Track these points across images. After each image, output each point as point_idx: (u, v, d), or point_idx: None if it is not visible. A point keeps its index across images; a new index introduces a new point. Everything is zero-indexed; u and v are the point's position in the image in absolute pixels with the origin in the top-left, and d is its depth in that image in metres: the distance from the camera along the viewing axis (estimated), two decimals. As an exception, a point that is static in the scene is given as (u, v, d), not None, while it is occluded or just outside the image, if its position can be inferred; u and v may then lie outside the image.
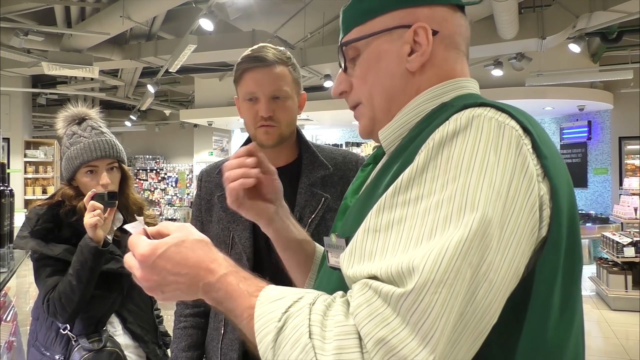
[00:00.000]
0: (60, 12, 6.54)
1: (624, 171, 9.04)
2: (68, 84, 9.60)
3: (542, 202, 0.63)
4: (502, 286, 0.59)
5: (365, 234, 0.65)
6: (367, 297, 0.57)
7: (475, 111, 0.65)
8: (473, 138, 0.63)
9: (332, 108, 8.97)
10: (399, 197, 0.64)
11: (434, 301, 0.54)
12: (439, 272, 0.55)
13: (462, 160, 0.61)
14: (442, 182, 0.61)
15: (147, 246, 0.70)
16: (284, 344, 0.58)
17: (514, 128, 0.64)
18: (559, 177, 0.65)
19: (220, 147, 12.25)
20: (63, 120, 1.79)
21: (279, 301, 0.62)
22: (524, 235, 0.61)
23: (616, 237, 6.37)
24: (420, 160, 0.64)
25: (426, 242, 0.58)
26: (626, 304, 6.00)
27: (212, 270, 0.69)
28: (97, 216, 1.57)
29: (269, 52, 1.37)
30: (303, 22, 6.84)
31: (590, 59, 8.59)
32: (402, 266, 0.57)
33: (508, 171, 0.61)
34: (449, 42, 0.80)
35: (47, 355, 1.65)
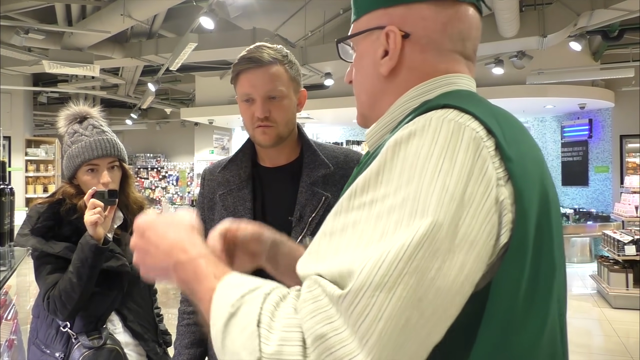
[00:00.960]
0: (61, 10, 6.54)
1: (625, 169, 9.03)
2: (69, 82, 9.61)
3: (502, 207, 0.60)
4: (451, 293, 0.57)
5: (322, 237, 0.64)
6: (314, 295, 0.57)
7: (436, 113, 0.64)
8: (429, 141, 0.61)
9: (333, 106, 8.97)
10: (355, 200, 0.63)
11: (370, 304, 0.54)
12: (377, 276, 0.54)
13: (416, 163, 0.60)
14: (397, 185, 0.60)
15: (145, 217, 0.79)
16: (233, 328, 0.59)
17: (475, 130, 0.62)
18: (526, 179, 0.63)
19: (221, 146, 12.25)
20: (64, 118, 1.79)
21: (238, 287, 0.63)
22: (478, 242, 0.58)
23: (617, 235, 6.37)
24: (376, 163, 0.63)
25: (375, 245, 0.57)
26: (627, 302, 6.00)
27: (186, 250, 0.72)
28: (97, 214, 1.57)
29: (264, 52, 1.37)
30: (304, 20, 6.84)
31: (592, 57, 8.58)
32: (343, 267, 0.57)
33: (463, 175, 0.59)
34: (427, 42, 0.75)
35: (47, 353, 1.65)
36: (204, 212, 1.53)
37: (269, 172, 1.47)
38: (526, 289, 0.62)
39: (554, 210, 0.68)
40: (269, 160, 1.47)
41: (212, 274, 0.67)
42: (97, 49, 7.14)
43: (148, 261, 0.76)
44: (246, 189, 1.45)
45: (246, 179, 1.46)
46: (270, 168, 1.47)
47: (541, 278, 0.64)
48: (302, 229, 1.37)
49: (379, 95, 0.79)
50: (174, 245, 0.73)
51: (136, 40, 7.69)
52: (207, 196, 1.52)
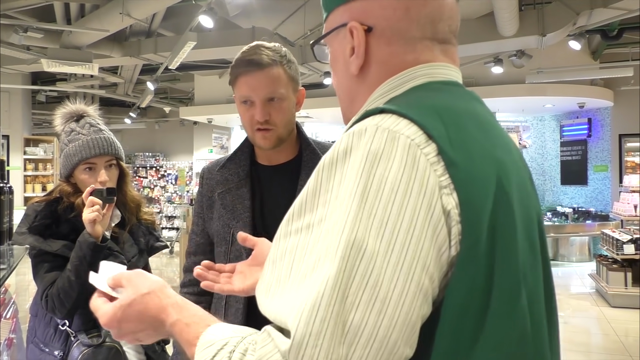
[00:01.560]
0: (59, 9, 6.52)
1: (624, 168, 9.03)
2: (68, 81, 9.59)
3: (450, 218, 0.56)
4: (407, 317, 0.53)
5: (267, 264, 0.63)
6: (267, 350, 0.55)
7: (371, 121, 0.60)
8: (361, 155, 0.57)
9: (332, 105, 8.96)
10: (292, 224, 0.60)
11: (315, 354, 0.52)
12: (316, 323, 0.52)
13: (348, 183, 0.56)
14: (331, 209, 0.57)
15: (106, 313, 0.75)
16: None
17: (410, 137, 0.57)
18: (474, 184, 0.58)
19: (220, 145, 12.24)
20: (61, 117, 1.79)
21: (208, 349, 0.62)
22: (430, 259, 0.55)
23: (616, 234, 6.38)
24: (311, 184, 0.60)
25: (308, 280, 0.55)
26: (626, 301, 6.01)
27: (163, 322, 0.72)
28: (96, 212, 1.57)
29: (263, 54, 1.35)
30: (303, 19, 6.83)
31: (591, 57, 8.58)
32: (283, 316, 0.55)
33: (401, 190, 0.55)
34: (391, 33, 0.70)
35: (46, 351, 1.65)
36: (203, 211, 1.53)
37: (268, 171, 1.47)
38: (480, 303, 0.57)
39: (521, 213, 0.64)
40: (268, 159, 1.47)
41: (187, 341, 0.68)
42: (95, 47, 7.13)
43: (144, 339, 0.77)
44: (245, 187, 1.44)
45: (245, 178, 1.46)
46: (269, 166, 1.47)
47: (498, 289, 0.58)
48: None
49: (354, 95, 0.75)
50: (153, 321, 0.73)
51: (135, 39, 7.67)
52: (206, 195, 1.52)
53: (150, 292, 0.74)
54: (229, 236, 1.43)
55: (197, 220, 1.55)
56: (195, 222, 1.57)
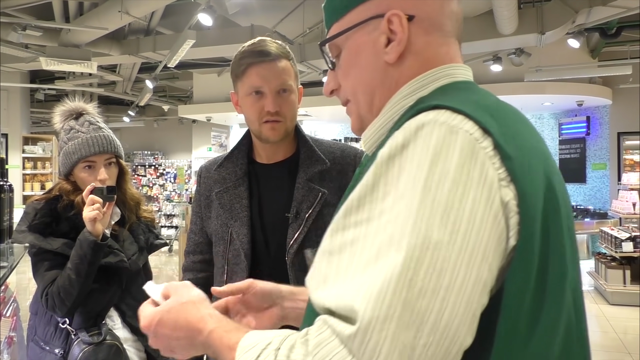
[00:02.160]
0: (58, 7, 6.51)
1: (622, 166, 9.05)
2: (66, 80, 9.58)
3: (508, 209, 0.58)
4: (469, 306, 0.55)
5: (322, 256, 0.63)
6: (325, 337, 0.56)
7: (428, 116, 0.61)
8: (421, 149, 0.58)
9: (331, 103, 8.95)
10: (351, 217, 0.61)
11: (382, 339, 0.52)
12: (383, 308, 0.53)
13: (411, 175, 0.58)
14: (393, 201, 0.58)
15: (147, 316, 0.80)
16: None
17: (468, 132, 0.59)
18: (529, 177, 0.60)
19: (219, 143, 12.24)
20: (60, 115, 1.78)
21: (250, 351, 0.63)
22: (489, 249, 0.56)
23: (614, 232, 6.39)
24: (370, 177, 0.61)
25: (372, 268, 0.56)
26: (624, 298, 6.02)
27: (201, 330, 0.74)
28: (96, 210, 1.57)
29: (272, 46, 1.36)
30: (302, 17, 6.83)
31: (589, 55, 8.58)
32: (347, 302, 0.56)
33: (462, 183, 0.56)
34: (429, 24, 0.73)
35: (46, 349, 1.65)
36: (201, 210, 1.53)
37: (266, 169, 1.47)
38: (535, 290, 0.60)
39: (563, 204, 0.66)
40: (266, 157, 1.46)
41: (227, 346, 0.69)
42: (94, 46, 7.12)
43: (179, 351, 0.79)
44: (242, 186, 1.44)
45: (242, 176, 1.45)
46: (267, 164, 1.46)
47: (551, 277, 0.61)
48: (299, 226, 1.36)
49: (378, 88, 0.76)
50: (190, 330, 0.76)
51: (134, 37, 7.66)
52: (204, 194, 1.51)
53: (188, 302, 0.79)
54: (227, 235, 1.43)
55: (196, 219, 1.55)
56: (193, 221, 1.57)
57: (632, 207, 6.39)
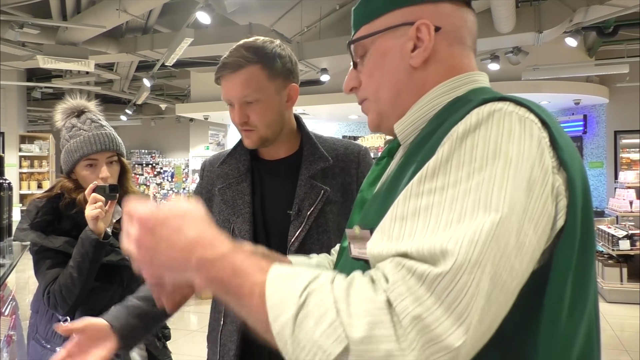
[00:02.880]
0: (55, 5, 6.49)
1: (619, 165, 9.08)
2: (63, 78, 9.54)
3: (557, 193, 0.65)
4: (520, 271, 0.61)
5: (393, 221, 0.65)
6: (402, 275, 0.58)
7: (496, 105, 0.67)
8: (496, 130, 0.65)
9: (329, 102, 8.96)
10: (425, 185, 0.65)
11: (469, 282, 0.56)
12: (474, 255, 0.57)
13: (486, 150, 0.64)
14: (468, 172, 0.63)
15: (149, 210, 0.69)
16: (306, 321, 0.57)
17: (534, 121, 0.66)
18: (574, 168, 0.67)
19: (217, 141, 12.23)
20: (62, 112, 1.78)
21: (294, 279, 0.61)
22: (540, 225, 0.63)
23: (612, 230, 6.41)
24: (445, 151, 0.66)
25: (456, 226, 0.60)
26: (622, 296, 6.05)
27: (214, 246, 0.66)
28: (98, 208, 1.57)
29: (238, 56, 1.33)
30: (300, 15, 6.83)
31: (586, 53, 8.61)
32: (435, 247, 0.58)
33: (529, 163, 0.63)
34: (454, 37, 0.82)
35: (47, 347, 1.65)
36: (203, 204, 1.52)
37: (268, 165, 1.46)
38: (576, 269, 0.66)
39: (591, 196, 0.73)
40: (268, 154, 1.46)
41: (257, 267, 0.64)
42: (91, 44, 7.10)
43: (156, 260, 0.69)
44: (245, 182, 1.44)
45: (245, 173, 1.45)
46: (270, 161, 1.46)
47: (588, 259, 0.68)
48: (301, 223, 1.36)
49: (403, 89, 0.83)
50: (196, 242, 0.66)
51: (131, 36, 7.65)
52: (206, 187, 1.51)
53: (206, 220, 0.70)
54: (228, 231, 1.42)
55: None
56: None
57: (629, 205, 6.41)
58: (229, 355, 1.37)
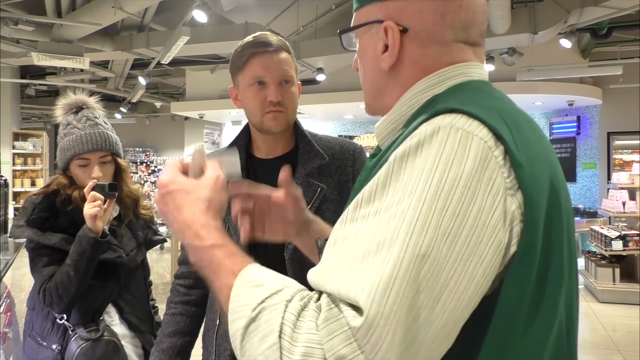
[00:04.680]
0: (50, 2, 6.45)
1: (612, 166, 9.13)
2: (57, 75, 9.49)
3: (512, 217, 0.60)
4: (457, 309, 0.57)
5: (328, 246, 0.64)
6: (334, 313, 0.57)
7: (444, 120, 0.62)
8: (435, 152, 0.60)
9: (325, 102, 8.95)
10: (360, 210, 0.62)
11: (384, 334, 0.54)
12: (387, 306, 0.54)
13: (421, 176, 0.59)
14: (400, 197, 0.59)
15: (166, 177, 0.78)
16: (254, 334, 0.59)
17: (483, 139, 0.60)
18: (536, 185, 0.61)
19: (212, 140, 12.20)
20: (62, 108, 1.77)
21: (258, 288, 0.62)
22: (486, 255, 0.58)
23: (604, 230, 6.45)
24: (382, 173, 0.62)
25: (373, 260, 0.57)
26: (614, 296, 6.09)
27: (200, 236, 0.72)
28: (97, 207, 1.56)
29: (273, 38, 1.37)
30: (296, 15, 6.83)
31: (580, 55, 8.65)
32: (350, 295, 0.57)
33: (471, 190, 0.58)
34: (426, 35, 0.73)
35: (43, 345, 1.64)
36: None
37: (264, 164, 1.46)
38: (532, 297, 0.61)
39: (565, 211, 0.67)
40: (265, 151, 1.46)
41: (230, 270, 0.67)
42: (87, 41, 7.07)
43: (169, 222, 0.77)
44: None
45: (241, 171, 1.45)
46: (265, 159, 1.46)
47: (548, 286, 0.63)
48: None
49: (382, 88, 0.78)
50: (187, 226, 0.73)
51: (127, 33, 7.62)
52: None
53: (208, 201, 0.75)
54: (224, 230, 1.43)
55: None
56: None
57: (621, 206, 6.45)
58: (225, 355, 1.36)
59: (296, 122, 1.48)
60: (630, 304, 5.93)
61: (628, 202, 6.44)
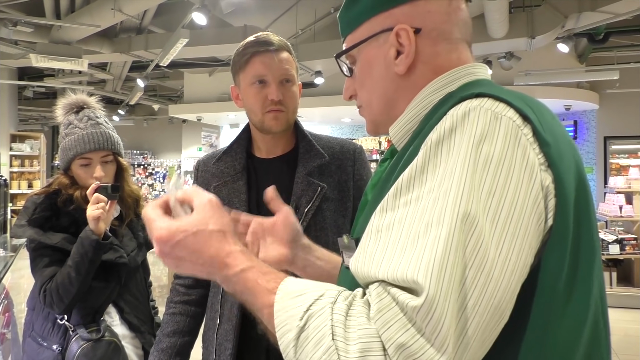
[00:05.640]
0: (49, 4, 6.45)
1: (609, 170, 9.17)
2: (55, 77, 9.47)
3: (547, 191, 0.62)
4: (510, 283, 0.58)
5: (369, 235, 0.65)
6: (385, 303, 0.58)
7: (472, 103, 0.65)
8: (469, 133, 0.62)
9: (323, 105, 8.97)
10: (400, 197, 0.63)
11: (444, 311, 0.55)
12: (445, 283, 0.55)
13: (459, 157, 0.61)
14: (440, 180, 0.61)
15: (164, 229, 0.71)
16: (306, 343, 0.59)
17: (512, 119, 0.63)
18: (563, 163, 0.64)
19: (209, 143, 12.19)
20: (62, 108, 1.77)
21: (300, 297, 0.62)
22: (530, 228, 0.60)
23: (601, 234, 6.47)
24: (419, 160, 0.64)
25: (423, 240, 0.58)
26: (611, 300, 6.09)
27: (228, 265, 0.70)
28: (100, 209, 1.56)
29: (275, 38, 1.38)
30: (295, 18, 6.85)
31: (577, 60, 8.70)
32: (406, 277, 0.57)
33: (506, 165, 0.60)
34: (437, 34, 0.77)
35: (44, 345, 1.64)
36: None
37: (264, 163, 1.46)
38: (569, 273, 0.63)
39: (589, 192, 0.69)
40: (265, 151, 1.45)
41: (264, 289, 0.66)
42: (85, 43, 7.06)
43: (185, 269, 0.73)
44: (241, 180, 1.42)
45: (241, 171, 1.44)
46: (265, 159, 1.46)
47: (582, 260, 0.65)
48: (299, 220, 1.36)
49: (394, 95, 0.80)
50: (213, 262, 0.71)
51: (125, 36, 7.62)
52: (201, 187, 1.50)
53: (219, 231, 0.72)
54: None
55: None
56: None
57: (618, 210, 6.47)
58: (225, 355, 1.36)
59: (296, 122, 1.48)
60: (627, 308, 5.94)
61: (625, 206, 6.46)
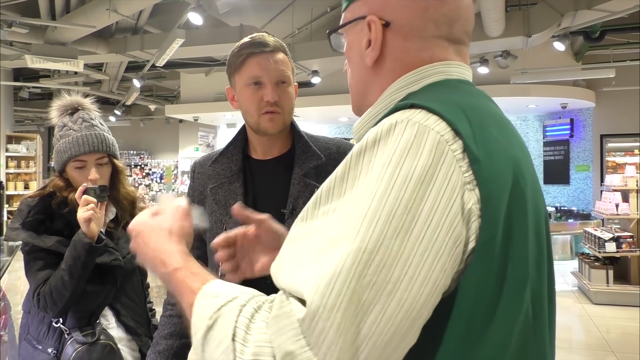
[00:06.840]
0: (44, 4, 6.43)
1: (605, 168, 9.19)
2: (51, 78, 9.44)
3: (469, 214, 0.58)
4: (414, 304, 0.56)
5: (287, 241, 0.65)
6: (285, 311, 0.57)
7: (403, 114, 0.62)
8: (391, 147, 0.59)
9: (320, 104, 8.96)
10: (320, 207, 0.62)
11: (327, 326, 0.53)
12: (331, 297, 0.54)
13: (374, 172, 0.59)
14: (354, 195, 0.59)
15: (135, 221, 0.85)
16: (210, 342, 0.60)
17: (439, 133, 0.59)
18: (495, 180, 0.60)
19: (206, 143, 12.17)
20: (57, 109, 1.75)
21: (216, 298, 0.63)
22: (443, 251, 0.57)
23: (598, 232, 6.49)
24: (340, 170, 0.63)
25: (324, 256, 0.57)
26: (607, 298, 6.12)
27: (164, 263, 0.76)
28: (90, 210, 1.55)
29: (270, 39, 1.37)
30: (291, 17, 6.84)
31: (574, 58, 8.72)
32: (298, 289, 0.57)
33: (425, 184, 0.57)
34: (409, 30, 0.73)
35: (39, 348, 1.63)
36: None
37: (261, 165, 1.45)
38: (492, 294, 0.60)
39: (533, 207, 0.66)
40: (262, 152, 1.45)
41: (189, 289, 0.69)
42: (81, 44, 7.04)
43: (143, 261, 0.82)
44: (237, 182, 1.42)
45: (237, 172, 1.43)
46: (262, 160, 1.45)
47: (509, 283, 0.61)
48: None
49: (367, 85, 0.78)
50: (155, 257, 0.78)
51: (121, 36, 7.60)
52: (198, 189, 1.49)
53: (165, 230, 0.81)
54: (221, 232, 1.41)
55: None
56: None
57: (615, 208, 6.49)
58: None
59: (293, 123, 1.47)
60: (624, 306, 5.97)
61: (621, 204, 6.48)
